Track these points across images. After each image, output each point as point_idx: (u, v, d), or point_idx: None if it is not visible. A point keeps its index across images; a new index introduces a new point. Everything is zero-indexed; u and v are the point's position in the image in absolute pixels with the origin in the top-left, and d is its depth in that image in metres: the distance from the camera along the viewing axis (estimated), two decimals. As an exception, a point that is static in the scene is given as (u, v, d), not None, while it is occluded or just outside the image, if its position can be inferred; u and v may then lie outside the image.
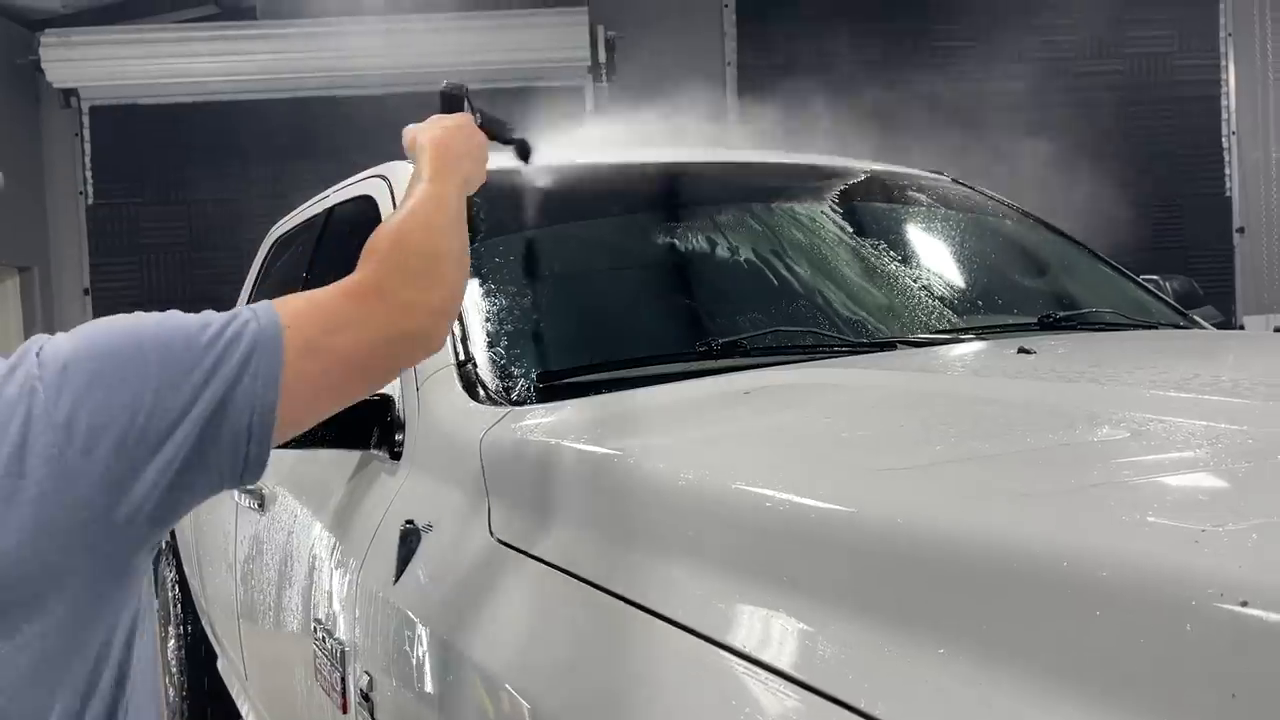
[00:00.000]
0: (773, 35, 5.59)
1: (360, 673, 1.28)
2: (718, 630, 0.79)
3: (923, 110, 5.59)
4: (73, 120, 5.58)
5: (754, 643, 0.76)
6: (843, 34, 5.60)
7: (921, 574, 0.70)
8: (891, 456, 0.86)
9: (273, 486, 1.96)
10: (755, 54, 5.58)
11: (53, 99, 5.57)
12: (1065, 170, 5.54)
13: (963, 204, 2.02)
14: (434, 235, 1.02)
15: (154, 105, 5.51)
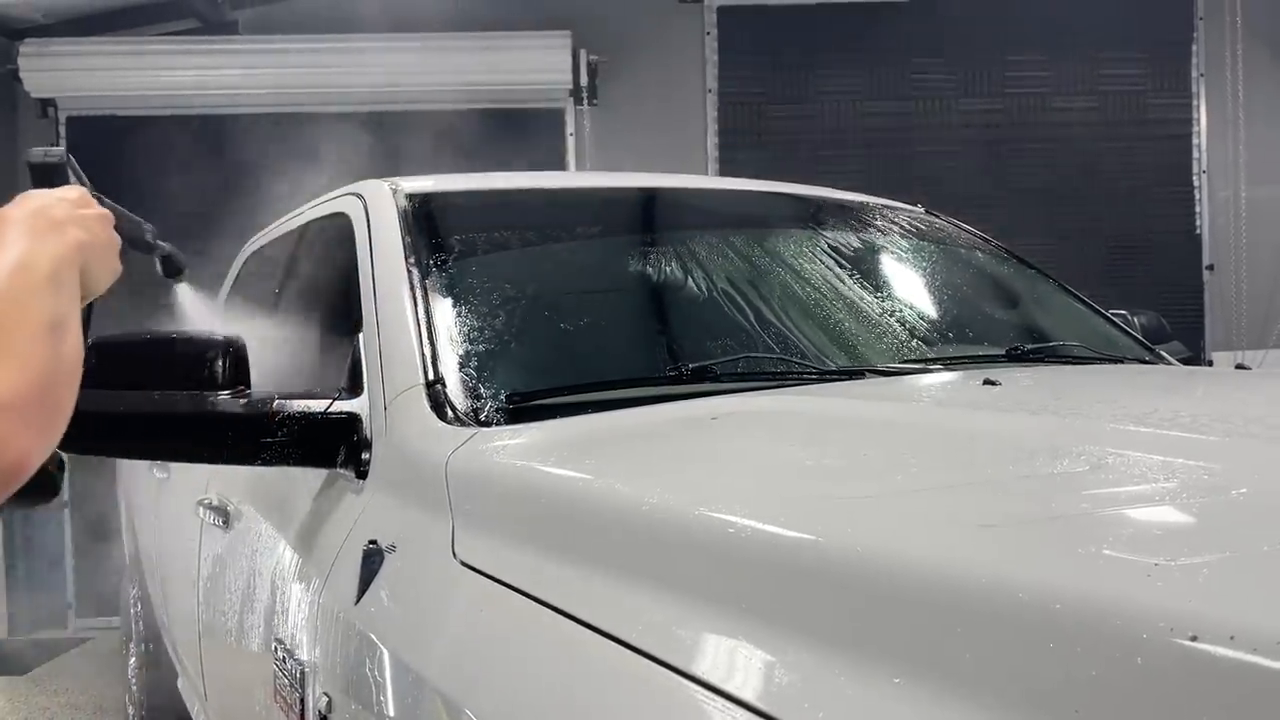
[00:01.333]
0: (754, 63, 5.64)
1: (319, 693, 1.27)
2: (679, 658, 0.78)
3: (900, 141, 5.65)
4: (49, 130, 5.54)
5: (714, 671, 0.76)
6: (823, 64, 5.66)
7: (880, 603, 0.70)
8: (854, 485, 0.86)
9: (237, 503, 1.94)
10: (736, 82, 5.63)
11: (30, 108, 5.53)
12: (1037, 204, 5.62)
13: (935, 235, 2.04)
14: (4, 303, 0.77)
15: (132, 117, 5.49)
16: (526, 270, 1.75)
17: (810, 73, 5.65)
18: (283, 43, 5.35)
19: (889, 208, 2.13)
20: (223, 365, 1.44)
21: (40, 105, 5.50)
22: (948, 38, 5.64)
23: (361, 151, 5.30)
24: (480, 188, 2.00)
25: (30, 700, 4.44)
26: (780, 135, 5.63)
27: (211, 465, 2.07)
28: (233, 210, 5.46)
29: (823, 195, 2.07)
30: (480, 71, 5.29)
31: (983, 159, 5.64)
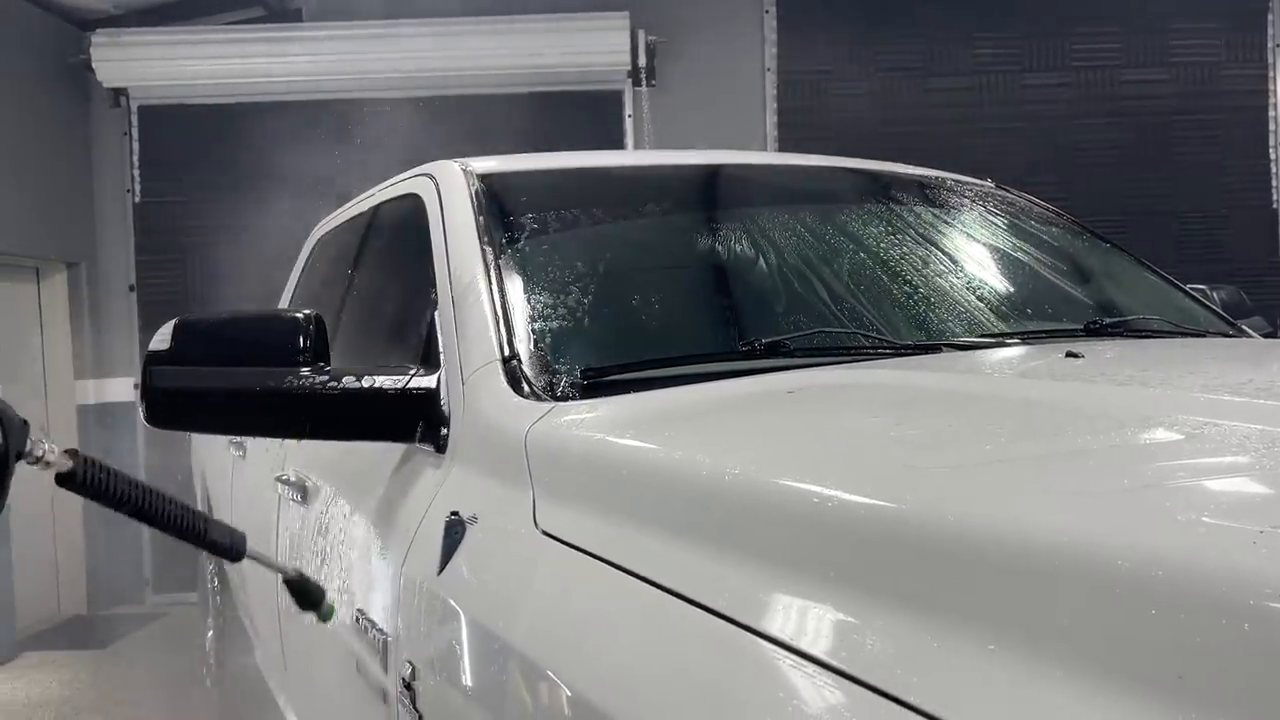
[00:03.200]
0: (814, 41, 5.58)
1: (403, 662, 1.30)
2: (764, 623, 0.79)
3: (965, 117, 5.56)
4: (121, 119, 5.69)
5: (800, 635, 0.76)
6: (884, 40, 5.58)
7: (974, 571, 0.70)
8: (941, 455, 0.86)
9: (315, 479, 1.98)
10: (796, 60, 5.58)
11: (103, 98, 5.68)
12: (1107, 180, 5.49)
13: (1007, 210, 2.01)
14: None
15: (201, 105, 5.61)
16: (597, 248, 1.76)
17: (871, 49, 5.58)
18: (345, 29, 5.42)
19: (960, 182, 2.11)
20: (304, 342, 1.47)
21: (112, 95, 5.64)
22: (1013, 11, 5.53)
23: (422, 135, 5.36)
24: (549, 167, 2.01)
25: (110, 673, 4.59)
26: (840, 113, 5.57)
27: (290, 441, 2.12)
28: (299, 193, 5.56)
29: (892, 170, 2.05)
30: (539, 54, 5.31)
31: (1049, 134, 5.53)
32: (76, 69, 5.54)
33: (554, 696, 0.97)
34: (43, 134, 5.39)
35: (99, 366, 5.73)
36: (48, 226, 5.42)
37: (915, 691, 0.66)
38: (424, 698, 1.23)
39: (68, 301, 5.66)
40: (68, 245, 5.58)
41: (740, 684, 0.79)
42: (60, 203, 5.52)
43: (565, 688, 0.94)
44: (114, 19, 5.60)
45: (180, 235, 5.69)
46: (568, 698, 0.94)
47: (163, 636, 5.18)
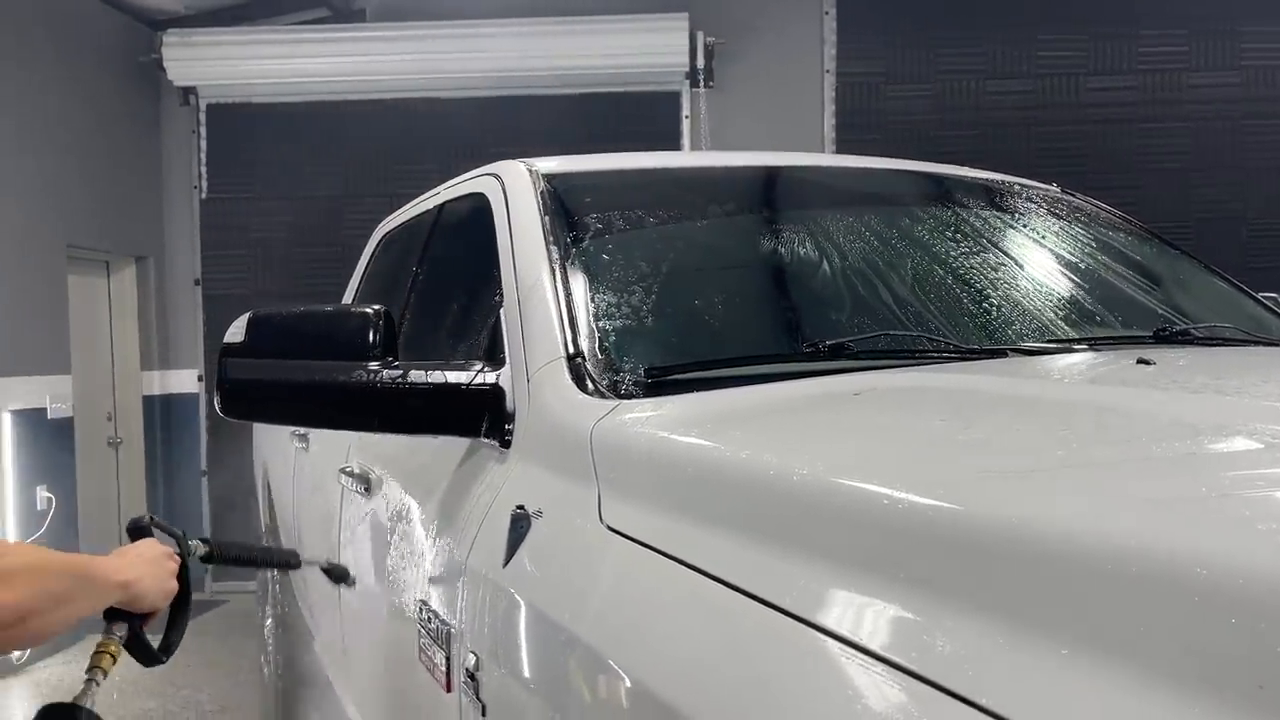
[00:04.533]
0: (874, 43, 5.55)
1: (466, 652, 1.32)
2: (828, 620, 0.80)
3: (1027, 120, 5.49)
4: (190, 117, 5.82)
5: (863, 633, 0.77)
6: (945, 42, 5.53)
7: (1048, 576, 0.70)
8: (1011, 459, 0.86)
9: (378, 471, 2.02)
10: (855, 61, 5.55)
11: (172, 97, 5.82)
12: (1172, 185, 5.39)
13: (1075, 215, 1.99)
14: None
15: (267, 104, 5.72)
16: (660, 248, 1.77)
17: (931, 51, 5.54)
18: (407, 29, 5.50)
19: (1025, 186, 2.09)
20: (373, 337, 1.50)
21: (181, 93, 5.78)
22: (1076, 12, 5.45)
23: (480, 134, 5.42)
24: (613, 167, 2.03)
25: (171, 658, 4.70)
26: (899, 116, 5.53)
27: (353, 434, 2.17)
28: (360, 191, 5.66)
29: (958, 173, 2.03)
30: (598, 55, 5.35)
31: (1113, 139, 5.44)
32: (148, 68, 5.68)
33: (619, 688, 0.98)
34: (114, 132, 5.54)
35: (164, 358, 5.87)
36: (118, 221, 5.56)
37: (986, 693, 0.67)
38: (487, 688, 1.26)
39: (136, 295, 5.81)
40: (137, 240, 5.73)
41: (805, 680, 0.79)
42: (130, 198, 5.67)
43: (631, 680, 0.95)
44: (185, 19, 5.73)
45: (244, 231, 5.81)
46: (633, 689, 0.95)
47: (221, 623, 5.29)
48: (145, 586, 1.41)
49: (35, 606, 1.19)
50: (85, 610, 1.33)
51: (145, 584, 1.41)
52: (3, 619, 1.16)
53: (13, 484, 4.67)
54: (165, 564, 1.48)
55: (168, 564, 1.48)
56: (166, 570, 1.47)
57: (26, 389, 4.79)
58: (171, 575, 1.48)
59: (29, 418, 4.81)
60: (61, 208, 5.10)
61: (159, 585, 1.45)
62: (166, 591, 1.47)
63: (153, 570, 1.44)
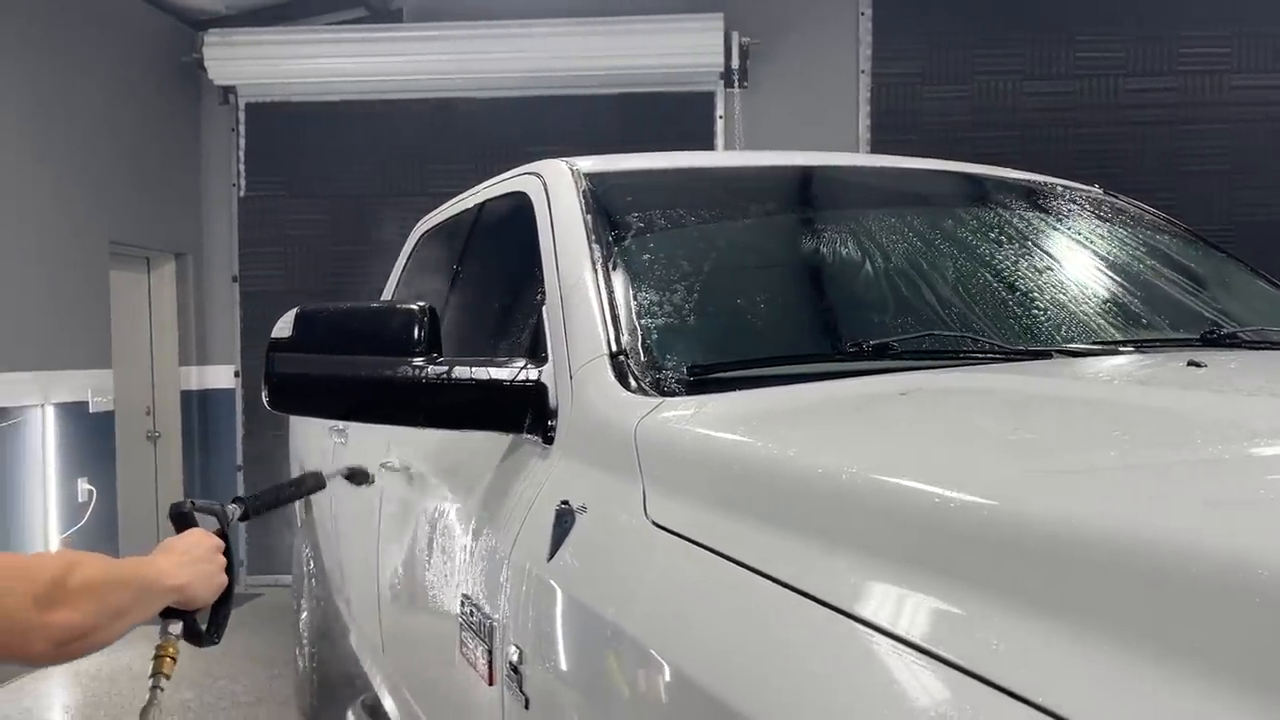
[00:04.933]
0: (910, 43, 5.52)
1: (509, 646, 1.33)
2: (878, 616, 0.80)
3: (1065, 121, 5.44)
4: (229, 116, 5.89)
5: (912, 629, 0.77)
6: (983, 43, 5.50)
7: (1102, 575, 0.70)
8: (1062, 459, 0.86)
9: (418, 466, 2.04)
10: (891, 62, 5.52)
11: (212, 96, 5.89)
12: (1214, 188, 5.32)
13: (1118, 216, 1.97)
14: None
15: (304, 103, 5.78)
16: (701, 247, 1.77)
17: (968, 52, 5.50)
18: (443, 29, 5.54)
19: (1068, 188, 2.07)
20: (418, 334, 1.51)
21: (221, 92, 5.85)
22: (1116, 13, 5.40)
23: (516, 134, 5.45)
24: (654, 166, 2.04)
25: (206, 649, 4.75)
26: (935, 117, 5.50)
27: (392, 429, 2.19)
28: (396, 191, 5.70)
29: (1000, 174, 2.03)
30: (633, 55, 5.36)
31: (1153, 140, 5.38)
32: (189, 67, 5.76)
33: (665, 681, 0.99)
34: (156, 130, 5.62)
35: (202, 354, 5.95)
36: (159, 218, 5.64)
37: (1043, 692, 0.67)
38: (531, 681, 1.27)
39: (175, 291, 5.89)
40: (176, 237, 5.81)
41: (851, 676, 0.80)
42: (170, 196, 5.75)
43: (677, 673, 0.96)
44: (225, 19, 5.80)
45: (281, 229, 5.87)
46: (679, 683, 0.96)
47: (256, 616, 5.35)
48: (197, 588, 1.43)
49: (97, 623, 1.21)
50: (141, 618, 1.33)
51: (197, 585, 1.43)
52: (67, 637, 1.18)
53: (55, 475, 4.74)
54: (214, 559, 1.49)
55: (216, 558, 1.50)
56: (216, 566, 1.49)
57: (69, 383, 4.88)
58: (220, 569, 1.50)
59: (71, 411, 4.89)
60: (104, 204, 5.18)
61: (209, 583, 1.47)
62: (217, 586, 1.49)
63: (203, 569, 1.46)
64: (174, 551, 1.44)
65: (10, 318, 4.45)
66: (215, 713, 3.95)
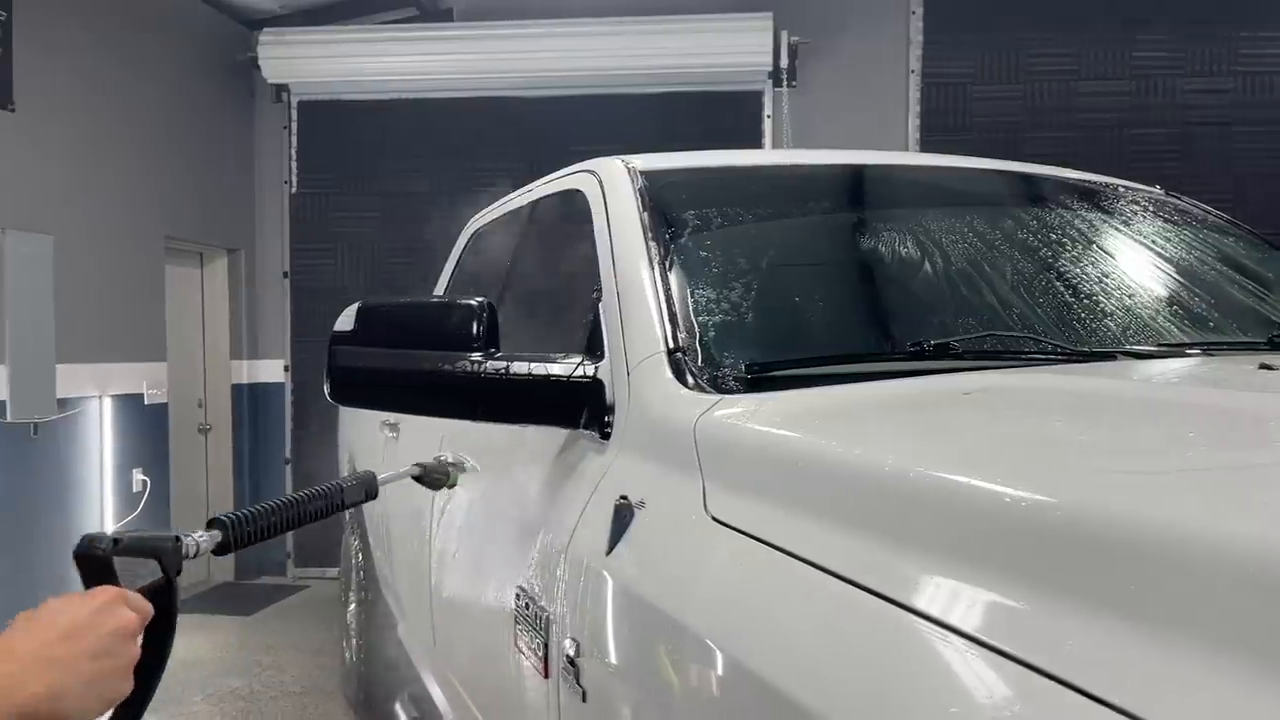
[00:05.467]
0: (961, 43, 5.47)
1: (566, 639, 1.34)
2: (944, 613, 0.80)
3: (1119, 122, 5.36)
4: (282, 114, 5.97)
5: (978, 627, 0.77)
6: (1035, 42, 5.43)
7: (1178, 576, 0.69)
8: (1136, 460, 0.85)
9: (472, 461, 2.06)
10: (942, 61, 5.48)
11: (266, 94, 5.98)
12: (1273, 189, 5.21)
13: (1181, 217, 1.95)
14: None
15: (355, 101, 5.85)
16: (758, 245, 1.77)
17: (1020, 51, 5.44)
18: (492, 29, 5.58)
19: (1128, 188, 2.05)
20: (477, 329, 1.53)
21: (274, 90, 5.93)
22: (1171, 13, 5.31)
23: (565, 133, 5.47)
24: (710, 164, 2.04)
25: (255, 639, 4.84)
26: (986, 117, 5.44)
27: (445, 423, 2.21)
28: (445, 189, 5.75)
29: (1058, 174, 2.00)
30: (681, 54, 5.36)
31: (1209, 142, 5.29)
32: (244, 66, 5.85)
33: (727, 675, 0.99)
34: (211, 128, 5.72)
35: (253, 348, 6.04)
36: (213, 214, 5.74)
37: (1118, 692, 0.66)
38: (588, 674, 1.28)
39: (227, 286, 5.98)
40: (229, 233, 5.90)
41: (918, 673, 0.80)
42: (224, 192, 5.85)
43: (739, 667, 0.96)
44: (280, 18, 5.89)
45: (332, 225, 5.95)
46: (741, 677, 0.96)
47: (303, 607, 5.42)
48: (72, 700, 0.86)
49: None
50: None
51: (72, 696, 0.86)
52: None
53: (111, 465, 4.84)
54: (115, 649, 0.91)
55: (119, 648, 0.92)
56: (114, 661, 0.91)
57: (125, 375, 4.98)
58: (123, 667, 0.92)
59: (127, 403, 4.99)
60: (161, 201, 5.27)
61: (94, 690, 0.89)
62: (108, 698, 0.92)
63: (86, 667, 0.88)
64: (40, 633, 0.87)
65: (70, 312, 4.55)
66: (263, 701, 4.02)
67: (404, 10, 5.93)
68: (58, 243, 4.50)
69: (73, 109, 4.65)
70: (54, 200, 4.53)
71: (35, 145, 4.41)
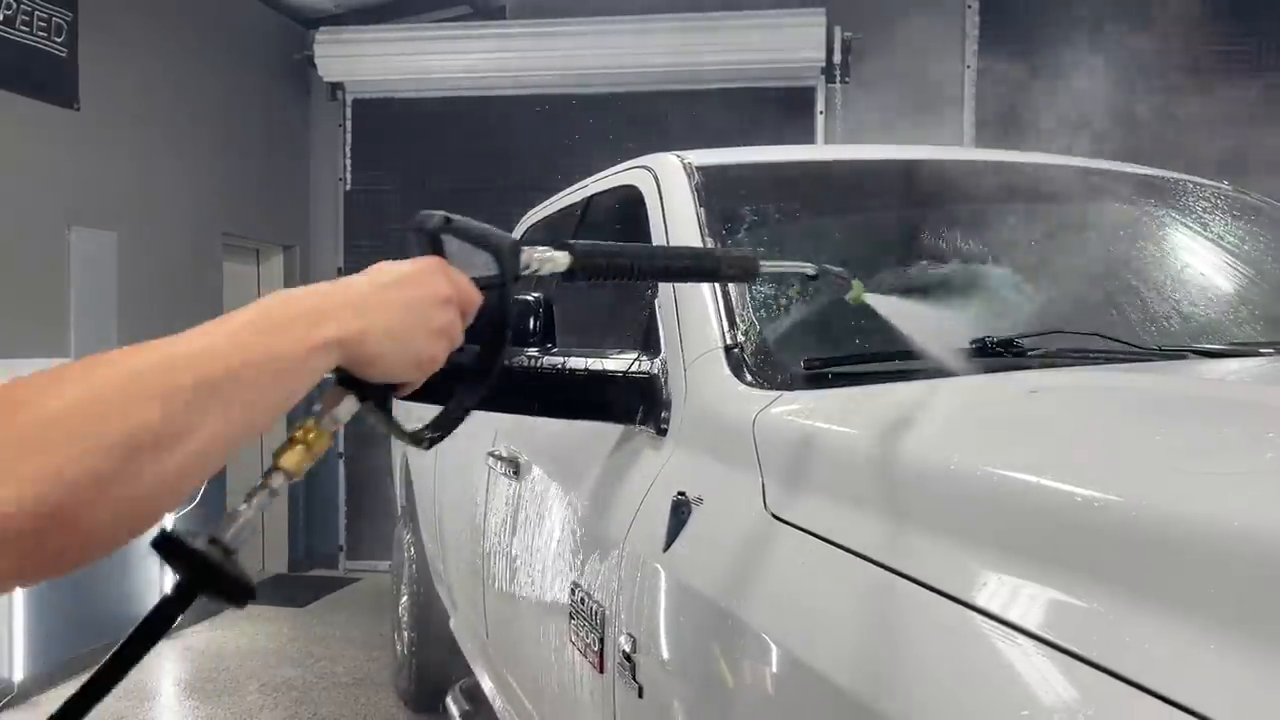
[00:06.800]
0: (1018, 36, 5.38)
1: (623, 635, 1.34)
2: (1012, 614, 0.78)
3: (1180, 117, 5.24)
4: (337, 112, 6.05)
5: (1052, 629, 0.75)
6: (1097, 37, 5.32)
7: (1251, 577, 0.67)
8: (1215, 461, 0.83)
9: (527, 456, 2.07)
10: (998, 56, 5.40)
11: (321, 92, 6.06)
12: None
13: (1251, 213, 1.90)
14: (102, 405, 0.60)
15: (409, 99, 5.90)
16: (813, 240, 1.76)
17: (1078, 45, 5.34)
18: (545, 26, 5.59)
19: (1196, 184, 2.00)
20: (534, 324, 1.54)
21: (330, 88, 6.01)
22: (1240, 5, 5.18)
23: (618, 129, 5.48)
24: (764, 160, 2.03)
25: (308, 630, 4.91)
26: (1044, 113, 5.35)
27: (500, 418, 2.22)
28: (497, 185, 5.78)
29: (1121, 169, 1.96)
30: (734, 51, 5.34)
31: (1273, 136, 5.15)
32: (300, 65, 5.93)
33: (787, 674, 0.99)
34: (268, 125, 5.80)
35: (307, 343, 6.12)
36: (269, 212, 5.82)
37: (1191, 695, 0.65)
38: (644, 669, 1.27)
39: (283, 282, 6.07)
40: (285, 229, 5.99)
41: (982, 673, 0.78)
42: (280, 190, 5.93)
43: (800, 665, 0.96)
44: (335, 17, 5.96)
45: (385, 222, 6.01)
46: (802, 675, 0.95)
47: (355, 599, 5.49)
48: (373, 346, 0.77)
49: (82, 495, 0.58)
50: (253, 424, 0.69)
51: (373, 340, 0.77)
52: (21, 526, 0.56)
53: (170, 458, 4.94)
54: (427, 308, 0.82)
55: (430, 311, 0.82)
56: (419, 322, 0.81)
57: (184, 368, 5.06)
58: (432, 333, 0.82)
59: (186, 396, 5.07)
60: (219, 197, 5.37)
61: (400, 345, 0.79)
62: (413, 358, 0.81)
63: (399, 318, 0.79)
64: (364, 282, 0.80)
65: (132, 308, 4.65)
66: (316, 691, 4.07)
67: (457, 9, 5.97)
68: (120, 240, 4.59)
69: (134, 108, 4.75)
70: (117, 197, 4.63)
71: (99, 144, 4.51)
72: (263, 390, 0.69)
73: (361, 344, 0.76)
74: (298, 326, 0.72)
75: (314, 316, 0.74)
